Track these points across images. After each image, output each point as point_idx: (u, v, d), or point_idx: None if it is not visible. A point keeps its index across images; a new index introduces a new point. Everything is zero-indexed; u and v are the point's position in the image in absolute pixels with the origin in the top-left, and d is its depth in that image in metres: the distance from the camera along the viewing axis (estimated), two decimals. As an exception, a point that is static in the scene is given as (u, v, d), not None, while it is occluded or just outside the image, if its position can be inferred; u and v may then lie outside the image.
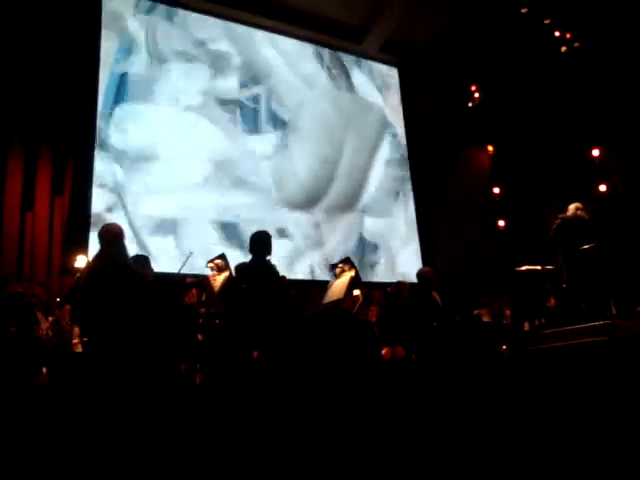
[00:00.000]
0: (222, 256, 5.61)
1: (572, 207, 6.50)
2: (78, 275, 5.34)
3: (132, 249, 5.83)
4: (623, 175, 10.11)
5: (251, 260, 5.19)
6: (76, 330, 5.85)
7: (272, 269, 5.11)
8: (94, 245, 6.87)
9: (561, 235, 6.30)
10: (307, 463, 3.40)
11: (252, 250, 5.20)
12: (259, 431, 3.72)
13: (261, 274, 5.03)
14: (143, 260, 5.29)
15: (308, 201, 10.58)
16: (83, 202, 8.55)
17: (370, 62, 12.17)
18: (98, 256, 4.69)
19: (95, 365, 4.31)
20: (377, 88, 12.15)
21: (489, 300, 8.35)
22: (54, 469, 3.31)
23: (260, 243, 5.20)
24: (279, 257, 6.28)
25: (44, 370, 5.49)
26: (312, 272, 9.98)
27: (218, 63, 10.30)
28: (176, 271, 6.00)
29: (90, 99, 8.90)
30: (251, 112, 10.42)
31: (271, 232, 5.35)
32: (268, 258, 5.17)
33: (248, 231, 7.23)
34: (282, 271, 5.48)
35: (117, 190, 8.77)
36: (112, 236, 4.63)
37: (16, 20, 8.40)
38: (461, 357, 5.37)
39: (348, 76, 11.80)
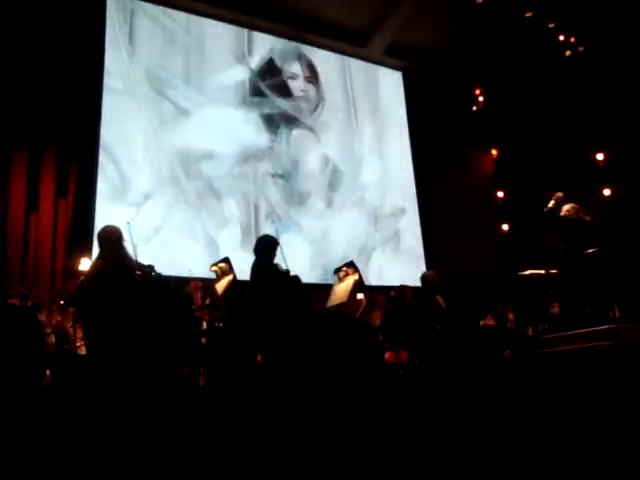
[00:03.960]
0: (226, 260, 5.61)
1: (569, 208, 6.31)
2: (82, 278, 5.34)
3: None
4: (627, 179, 10.10)
5: (256, 262, 5.20)
6: (80, 333, 5.85)
7: (278, 272, 5.11)
8: (97, 248, 6.89)
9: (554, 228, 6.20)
10: (311, 466, 3.40)
11: (258, 252, 5.22)
12: (262, 434, 3.71)
13: (266, 277, 5.03)
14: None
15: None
16: (87, 205, 8.57)
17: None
18: (100, 259, 4.69)
19: (98, 368, 4.31)
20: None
21: (492, 304, 8.33)
22: (58, 471, 3.31)
23: (268, 247, 5.21)
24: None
25: (47, 373, 5.49)
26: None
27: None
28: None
29: (94, 102, 8.93)
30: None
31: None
32: (275, 262, 5.19)
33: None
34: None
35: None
36: (113, 239, 4.64)
37: (21, 24, 8.42)
38: (464, 361, 5.36)
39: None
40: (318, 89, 11.25)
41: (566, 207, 6.31)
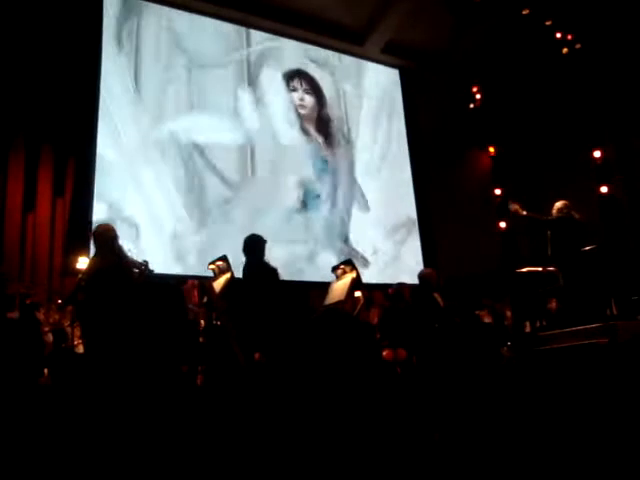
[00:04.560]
0: (223, 258, 5.61)
1: (558, 205, 6.36)
2: (80, 276, 5.34)
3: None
4: (624, 177, 10.12)
5: (248, 261, 5.21)
6: (77, 331, 5.85)
7: (274, 270, 5.13)
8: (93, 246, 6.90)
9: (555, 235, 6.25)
10: (309, 465, 3.40)
11: (248, 251, 5.23)
12: (260, 432, 3.72)
13: (264, 275, 5.04)
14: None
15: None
16: (84, 203, 8.55)
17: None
18: (97, 257, 4.70)
19: (96, 366, 4.32)
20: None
21: (491, 302, 8.34)
22: (57, 470, 3.31)
23: (257, 245, 5.23)
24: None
25: (45, 371, 5.50)
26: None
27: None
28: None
29: (91, 100, 8.91)
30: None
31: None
32: (267, 260, 5.21)
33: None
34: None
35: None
36: (108, 237, 4.65)
37: (18, 24, 8.41)
38: (462, 358, 5.36)
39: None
40: (318, 100, 11.29)
41: (558, 205, 6.36)
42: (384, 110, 12.11)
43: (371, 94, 12.02)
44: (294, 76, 11.11)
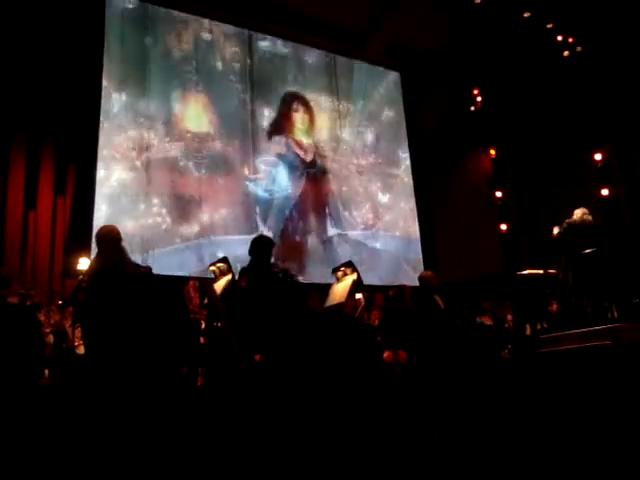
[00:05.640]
0: (224, 260, 5.60)
1: (578, 212, 6.44)
2: (80, 277, 5.33)
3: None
4: (625, 179, 10.12)
5: (253, 263, 5.19)
6: (78, 332, 5.84)
7: (275, 273, 5.11)
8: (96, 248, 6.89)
9: (567, 240, 6.27)
10: (309, 466, 3.39)
11: (254, 253, 5.20)
12: (260, 434, 3.71)
13: (266, 277, 5.02)
14: None
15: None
16: (85, 203, 8.55)
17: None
18: (99, 258, 4.69)
19: (97, 367, 4.31)
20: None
21: (492, 305, 8.33)
22: (57, 470, 3.30)
23: (264, 248, 5.20)
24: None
25: (46, 372, 5.49)
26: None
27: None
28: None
29: (94, 100, 8.93)
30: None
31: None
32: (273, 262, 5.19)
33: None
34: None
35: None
36: (109, 238, 4.64)
37: (21, 23, 8.43)
38: (463, 361, 5.36)
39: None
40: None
41: (577, 211, 6.40)
42: (384, 112, 12.13)
43: (371, 96, 12.03)
44: (294, 98, 11.13)
